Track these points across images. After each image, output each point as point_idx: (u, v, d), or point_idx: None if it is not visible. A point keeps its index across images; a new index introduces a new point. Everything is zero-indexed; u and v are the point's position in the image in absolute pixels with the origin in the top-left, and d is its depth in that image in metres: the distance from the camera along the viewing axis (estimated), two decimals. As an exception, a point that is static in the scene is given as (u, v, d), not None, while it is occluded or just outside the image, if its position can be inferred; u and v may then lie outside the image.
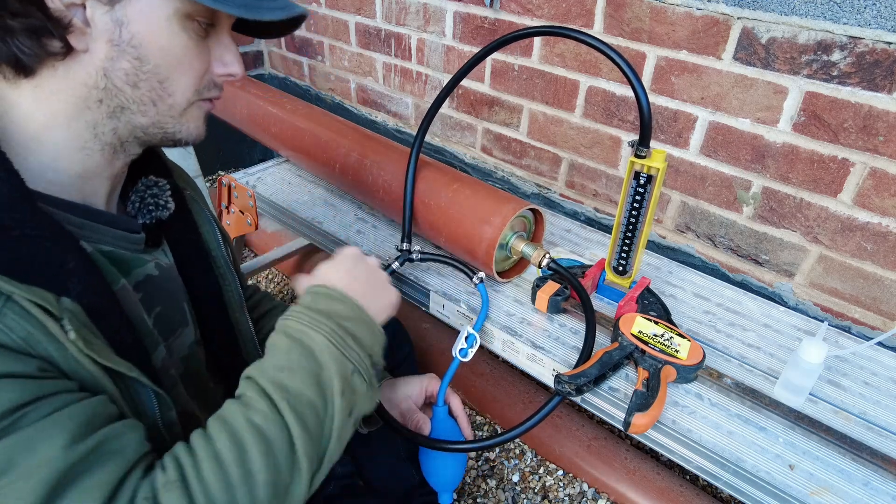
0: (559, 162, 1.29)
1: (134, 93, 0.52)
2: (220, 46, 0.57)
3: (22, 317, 0.43)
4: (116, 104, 0.53)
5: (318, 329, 0.56)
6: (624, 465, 1.18)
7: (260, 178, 1.36)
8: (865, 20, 0.80)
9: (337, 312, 0.58)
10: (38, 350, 0.43)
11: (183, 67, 0.53)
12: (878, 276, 0.93)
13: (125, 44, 0.50)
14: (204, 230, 0.72)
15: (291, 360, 0.54)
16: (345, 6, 1.57)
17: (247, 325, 0.77)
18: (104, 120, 0.53)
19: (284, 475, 0.49)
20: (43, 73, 0.49)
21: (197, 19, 0.52)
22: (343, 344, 0.56)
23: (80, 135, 0.53)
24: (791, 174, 0.96)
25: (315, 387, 0.53)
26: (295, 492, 0.50)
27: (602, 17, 1.08)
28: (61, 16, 0.47)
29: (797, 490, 0.65)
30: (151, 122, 0.55)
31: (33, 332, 0.43)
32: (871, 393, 0.79)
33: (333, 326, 0.57)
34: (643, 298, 0.90)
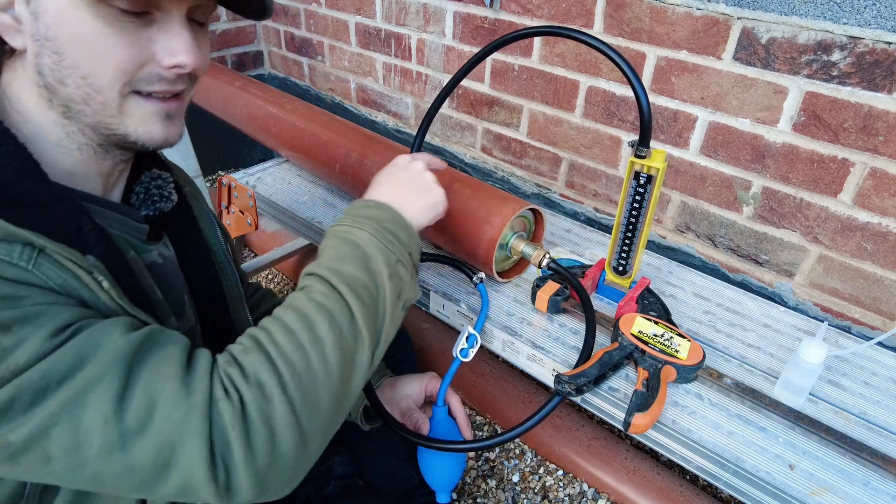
0: (559, 162, 1.29)
1: (64, 90, 0.50)
2: (168, 35, 0.52)
3: (56, 267, 0.45)
4: (59, 103, 0.52)
5: (362, 227, 0.62)
6: (624, 465, 1.18)
7: (260, 178, 1.36)
8: (865, 20, 0.80)
9: (377, 216, 0.64)
10: (75, 295, 0.46)
11: (103, 59, 0.49)
12: (878, 276, 0.93)
13: (42, 37, 0.48)
14: (203, 225, 0.73)
15: (342, 252, 0.59)
16: (345, 6, 1.57)
17: (246, 319, 0.78)
18: (61, 119, 0.53)
19: (349, 341, 0.54)
20: (6, 72, 0.51)
21: (113, 4, 0.48)
22: (385, 238, 0.62)
23: (53, 133, 0.53)
24: (791, 174, 0.96)
25: (366, 271, 0.58)
26: (360, 359, 0.55)
27: (602, 17, 1.08)
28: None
29: (797, 490, 0.65)
30: (95, 122, 0.53)
31: (69, 280, 0.46)
32: (871, 393, 0.79)
33: (375, 225, 0.62)
34: (643, 298, 0.90)
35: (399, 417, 0.84)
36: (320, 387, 0.50)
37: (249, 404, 0.46)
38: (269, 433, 0.46)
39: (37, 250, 0.44)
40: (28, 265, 0.44)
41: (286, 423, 0.47)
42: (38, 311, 0.43)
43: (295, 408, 0.48)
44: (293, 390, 0.48)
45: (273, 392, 0.47)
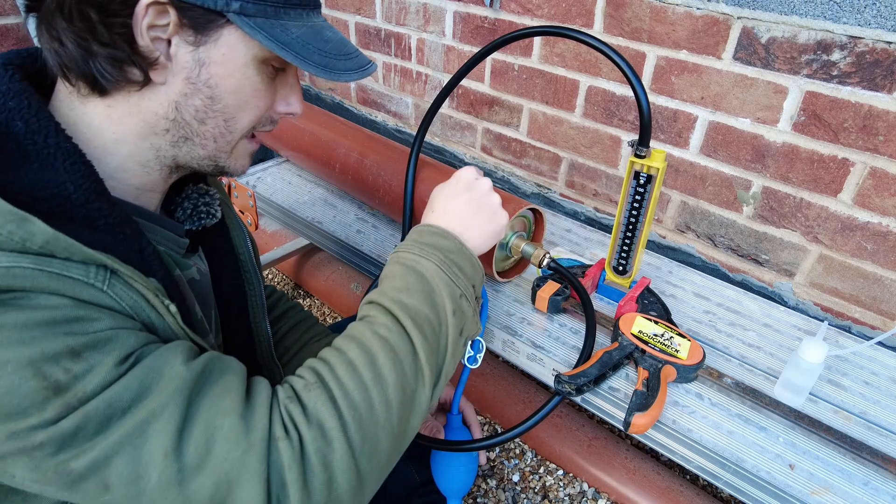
0: (559, 162, 1.29)
1: (200, 128, 0.54)
2: (286, 87, 0.58)
3: (127, 288, 0.46)
4: (181, 135, 0.54)
5: (428, 258, 0.60)
6: (624, 464, 1.18)
7: (260, 178, 1.36)
8: (865, 20, 0.80)
9: (442, 246, 0.62)
10: (142, 317, 0.47)
11: (249, 107, 0.55)
12: (879, 275, 0.93)
13: (202, 83, 0.51)
14: (234, 234, 0.73)
15: (407, 283, 0.58)
16: (344, 6, 1.57)
17: (265, 329, 0.78)
18: (167, 146, 0.55)
19: (410, 380, 0.53)
20: (117, 95, 0.51)
21: (272, 64, 0.54)
22: (451, 271, 0.61)
23: (143, 154, 0.54)
24: (791, 174, 0.96)
25: (430, 305, 0.57)
26: (420, 398, 0.54)
27: (602, 17, 1.08)
28: (147, 52, 0.48)
29: (797, 490, 0.65)
30: (207, 155, 0.57)
31: (139, 301, 0.47)
32: (872, 392, 0.79)
33: (441, 256, 0.61)
34: (643, 298, 0.90)
35: None
36: (380, 428, 0.50)
37: (309, 446, 0.45)
38: (327, 476, 0.46)
39: (110, 272, 0.45)
40: (103, 286, 0.44)
41: (345, 465, 0.47)
42: (107, 337, 0.43)
43: (354, 450, 0.47)
44: (354, 432, 0.47)
45: (333, 434, 0.46)
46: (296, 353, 0.86)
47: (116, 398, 0.42)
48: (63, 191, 0.45)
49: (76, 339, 0.41)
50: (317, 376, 0.50)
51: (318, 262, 1.75)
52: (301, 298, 1.81)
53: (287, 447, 0.45)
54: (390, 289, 0.58)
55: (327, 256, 1.75)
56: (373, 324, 0.55)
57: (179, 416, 0.43)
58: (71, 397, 0.40)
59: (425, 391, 0.54)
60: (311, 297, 1.80)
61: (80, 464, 0.41)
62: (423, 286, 0.58)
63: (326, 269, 1.73)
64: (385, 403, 0.50)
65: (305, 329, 0.89)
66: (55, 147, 0.46)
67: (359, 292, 1.64)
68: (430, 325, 0.56)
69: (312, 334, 0.88)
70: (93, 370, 0.41)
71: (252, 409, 0.45)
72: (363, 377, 0.50)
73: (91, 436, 0.41)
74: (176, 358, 0.45)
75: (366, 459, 0.48)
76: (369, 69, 0.57)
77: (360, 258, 1.09)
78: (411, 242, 0.63)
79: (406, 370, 0.53)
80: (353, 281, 1.66)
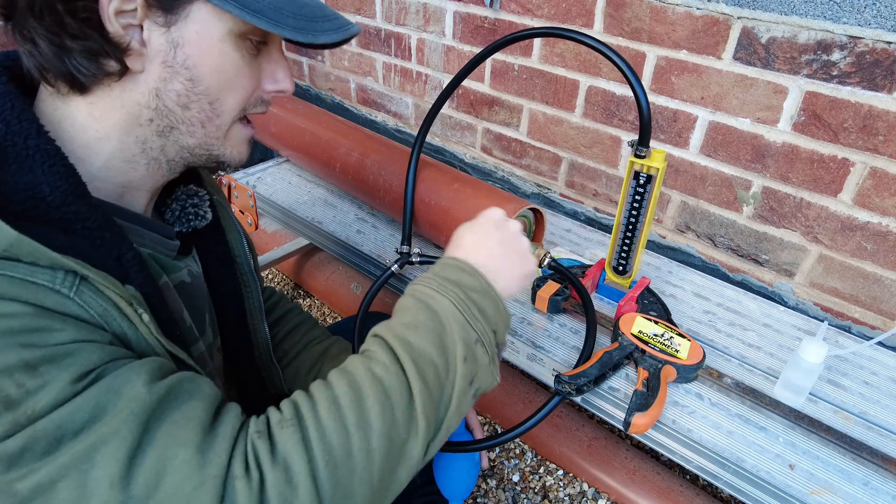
0: (559, 162, 1.29)
1: (184, 114, 0.52)
2: (272, 62, 0.56)
3: (97, 295, 0.44)
4: (166, 124, 0.53)
5: (445, 294, 0.55)
6: (624, 465, 1.18)
7: (260, 177, 1.36)
8: (865, 20, 0.80)
9: (465, 283, 0.56)
10: (113, 326, 0.45)
11: (233, 87, 0.53)
12: (878, 275, 0.93)
13: (179, 65, 0.49)
14: (231, 237, 0.72)
15: (417, 320, 0.53)
16: (344, 6, 1.57)
17: (263, 330, 0.77)
18: (153, 137, 0.53)
19: (401, 430, 0.47)
20: (97, 90, 0.50)
21: (250, 38, 0.52)
22: (469, 312, 0.54)
23: (128, 148, 0.53)
24: (791, 174, 0.96)
25: (439, 348, 0.52)
26: (410, 451, 0.48)
27: (602, 17, 1.08)
28: (119, 39, 0.47)
29: (797, 490, 0.65)
30: (198, 143, 0.55)
31: (109, 310, 0.45)
32: (871, 392, 0.79)
33: (461, 294, 0.55)
34: (643, 298, 0.90)
35: None
36: (356, 478, 0.45)
37: (270, 489, 0.41)
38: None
39: (79, 277, 0.43)
40: (70, 292, 0.42)
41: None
42: (67, 351, 0.41)
43: (322, 500, 0.42)
44: (324, 479, 0.43)
45: (300, 479, 0.42)
46: (295, 355, 0.86)
47: (68, 419, 0.39)
48: (38, 193, 0.44)
49: (33, 351, 0.39)
50: (295, 412, 0.46)
51: (318, 262, 1.75)
52: (301, 298, 1.81)
53: (244, 487, 0.40)
54: (398, 324, 0.53)
55: (327, 256, 1.75)
56: (370, 359, 0.50)
57: (132, 443, 0.40)
58: (20, 414, 0.38)
59: (417, 444, 0.48)
60: (312, 297, 1.80)
61: (25, 486, 0.38)
62: (433, 325, 0.52)
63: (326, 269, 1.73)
64: (366, 451, 0.45)
65: (305, 331, 0.89)
66: (34, 149, 0.45)
67: (359, 292, 1.64)
68: (435, 371, 0.51)
69: (312, 337, 0.88)
70: (47, 386, 0.39)
71: (212, 442, 0.42)
72: (345, 419, 0.45)
73: (38, 457, 0.38)
74: (138, 378, 0.42)
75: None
76: (350, 28, 0.54)
77: (360, 258, 1.09)
78: (432, 276, 0.57)
79: (397, 417, 0.47)
80: (353, 281, 1.66)
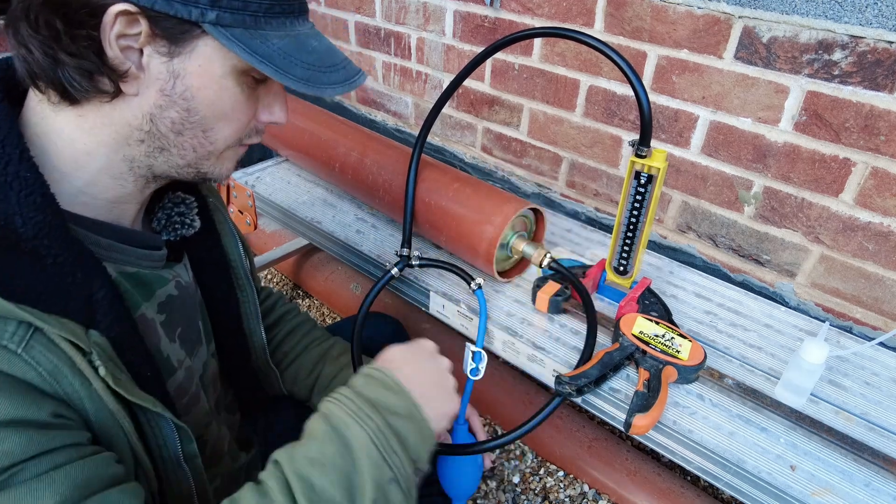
0: (560, 161, 1.29)
1: (177, 139, 0.51)
2: (270, 95, 0.56)
3: (49, 350, 0.42)
4: (157, 146, 0.52)
5: (362, 423, 0.50)
6: (625, 466, 1.17)
7: (259, 177, 1.36)
8: (867, 19, 0.80)
9: (387, 405, 0.53)
10: (63, 385, 0.42)
11: (228, 119, 0.52)
12: (880, 276, 0.93)
13: (177, 95, 0.48)
14: (226, 241, 0.71)
15: (325, 454, 0.49)
16: (344, 5, 1.57)
17: (260, 334, 0.77)
18: (142, 157, 0.52)
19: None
20: (88, 105, 0.48)
21: (252, 75, 0.51)
22: (386, 446, 0.50)
23: (116, 166, 0.52)
24: (792, 174, 0.96)
25: (345, 490, 0.48)
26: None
27: (602, 16, 1.07)
28: (118, 63, 0.45)
29: (798, 491, 0.65)
30: (187, 164, 0.54)
31: (60, 367, 0.42)
32: (873, 393, 0.79)
33: (380, 423, 0.51)
34: (644, 299, 0.90)
35: None
36: None
37: None
38: None
39: (32, 329, 0.41)
40: (18, 348, 0.40)
41: None
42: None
43: None
44: None
45: None
46: (295, 357, 0.86)
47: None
48: (11, 223, 0.43)
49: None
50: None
51: (317, 262, 1.75)
52: (300, 298, 1.81)
53: None
54: (302, 457, 0.49)
55: (327, 256, 1.74)
56: (267, 496, 0.47)
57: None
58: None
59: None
60: (311, 298, 1.80)
61: None
62: (342, 462, 0.49)
63: (326, 269, 1.73)
64: None
65: (305, 333, 0.88)
66: (14, 176, 0.44)
67: (358, 292, 1.63)
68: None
69: (312, 338, 0.88)
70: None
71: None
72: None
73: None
74: (51, 498, 0.39)
75: None
76: (357, 81, 0.54)
77: (360, 258, 1.08)
78: (352, 394, 0.53)
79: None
80: (353, 281, 1.66)
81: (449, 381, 0.62)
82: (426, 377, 0.59)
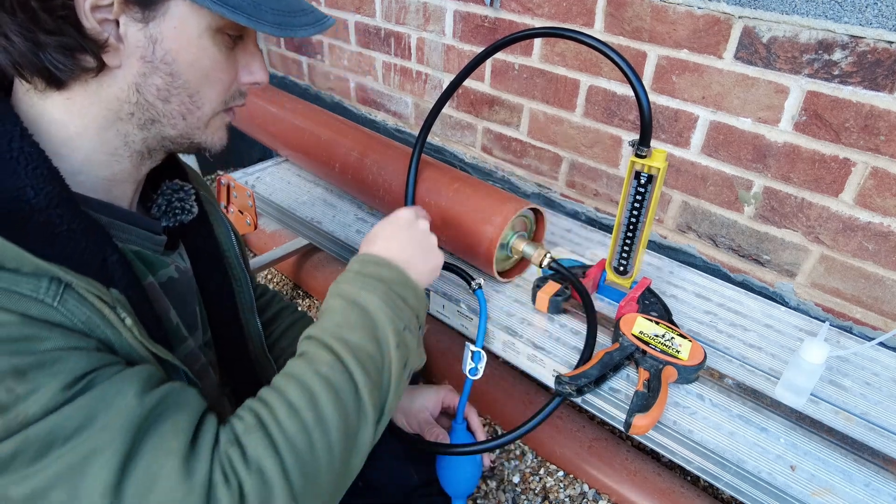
0: (560, 161, 1.29)
1: (165, 107, 0.53)
2: (247, 55, 0.57)
3: (81, 303, 0.44)
4: (147, 117, 0.53)
5: (371, 291, 0.59)
6: (625, 466, 1.17)
7: (259, 177, 1.36)
8: (867, 19, 0.80)
9: (384, 277, 0.62)
10: (97, 333, 0.45)
11: (211, 81, 0.54)
12: (880, 276, 0.93)
13: (158, 60, 0.50)
14: (219, 232, 0.72)
15: (348, 320, 0.57)
16: (344, 5, 1.57)
17: (255, 325, 0.78)
18: (135, 131, 0.54)
19: (353, 420, 0.52)
20: (74, 86, 0.49)
21: (227, 32, 0.52)
22: (394, 304, 0.59)
23: (110, 142, 0.53)
24: (792, 174, 0.96)
25: (373, 341, 0.56)
26: (362, 438, 0.53)
27: (602, 16, 1.07)
28: (95, 35, 0.46)
29: (798, 491, 0.65)
30: (179, 134, 0.56)
31: (92, 317, 0.45)
32: (873, 393, 0.79)
33: (384, 288, 0.60)
34: (644, 299, 0.90)
35: (417, 429, 0.86)
36: (322, 470, 0.49)
37: (249, 493, 0.44)
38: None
39: (63, 285, 0.44)
40: (54, 302, 0.43)
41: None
42: (55, 357, 0.42)
43: (296, 495, 0.46)
44: (295, 476, 0.47)
45: (274, 480, 0.46)
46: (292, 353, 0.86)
47: (59, 426, 0.40)
48: (23, 195, 0.45)
49: (22, 358, 0.40)
50: (257, 419, 0.49)
51: (317, 262, 1.75)
52: (300, 298, 1.81)
53: (226, 494, 0.43)
54: (331, 325, 0.56)
55: (327, 256, 1.74)
56: (314, 362, 0.53)
57: (123, 454, 0.41)
58: (12, 419, 0.39)
59: (368, 429, 0.53)
60: (311, 298, 1.80)
61: (18, 492, 0.40)
62: (365, 321, 0.57)
63: (326, 269, 1.73)
64: (327, 446, 0.49)
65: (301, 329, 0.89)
66: (18, 151, 0.45)
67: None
68: (373, 362, 0.55)
69: None
70: (37, 392, 0.40)
71: (196, 452, 0.44)
72: (304, 420, 0.49)
73: (29, 462, 0.39)
74: (130, 388, 0.44)
75: (308, 503, 0.47)
76: (327, 22, 0.55)
77: (360, 258, 1.08)
78: (353, 274, 0.62)
79: (349, 411, 0.52)
80: (353, 281, 1.66)
81: (429, 240, 0.71)
82: (408, 246, 0.67)
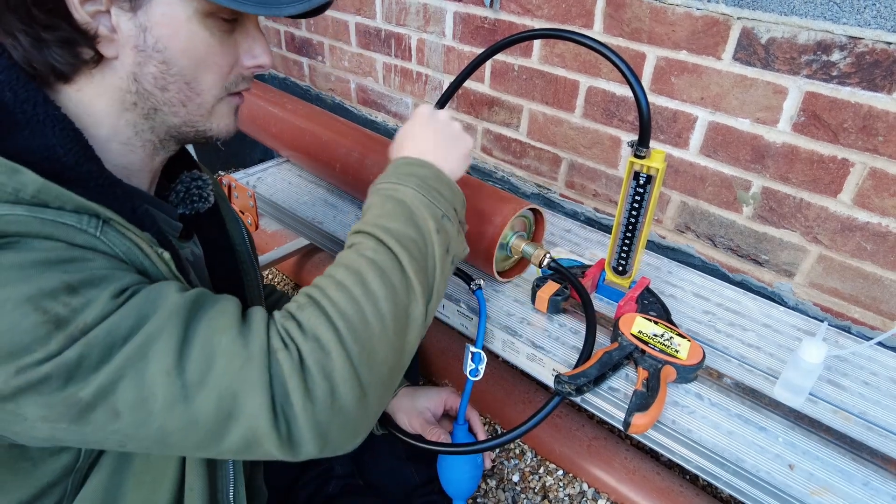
0: (559, 162, 1.29)
1: (164, 95, 0.54)
2: (248, 38, 0.56)
3: (120, 237, 0.48)
4: (150, 106, 0.54)
5: (406, 185, 0.61)
6: (624, 465, 1.18)
7: (260, 178, 1.36)
8: (865, 20, 0.81)
9: (419, 174, 0.63)
10: (136, 264, 0.49)
11: (207, 66, 0.54)
12: (878, 276, 0.93)
13: (150, 49, 0.51)
14: (230, 226, 0.74)
15: (387, 210, 0.59)
16: (345, 6, 1.57)
17: None
18: (141, 120, 0.55)
19: (402, 295, 0.54)
20: (81, 79, 0.51)
21: (220, 16, 0.52)
22: (430, 195, 0.61)
23: (122, 132, 0.55)
24: (791, 174, 0.96)
25: (413, 226, 0.58)
26: (414, 312, 0.55)
27: (602, 18, 1.08)
28: (87, 26, 0.48)
29: (797, 490, 0.65)
30: (183, 122, 0.57)
31: (132, 248, 0.48)
32: (871, 393, 0.79)
33: (419, 182, 0.62)
34: (643, 298, 0.90)
35: (419, 429, 0.86)
36: (376, 340, 0.51)
37: (308, 357, 0.47)
38: (328, 385, 0.47)
39: (102, 220, 0.46)
40: (96, 232, 0.46)
41: (345, 375, 0.48)
42: (102, 275, 0.44)
43: (353, 360, 0.48)
44: (350, 343, 0.49)
45: (330, 345, 0.48)
46: None
47: (116, 327, 0.43)
48: (53, 154, 0.47)
49: (72, 275, 0.43)
50: (308, 298, 0.51)
51: (318, 262, 1.75)
52: (301, 298, 1.81)
53: (286, 357, 0.46)
54: (371, 217, 0.59)
55: (327, 256, 1.75)
56: (359, 248, 0.56)
57: (178, 337, 0.44)
58: (73, 329, 0.42)
59: (419, 306, 0.55)
60: (311, 298, 1.80)
61: (87, 392, 0.42)
62: (403, 210, 0.59)
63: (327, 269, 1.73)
64: (378, 316, 0.51)
65: None
66: (45, 115, 0.47)
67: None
68: (416, 244, 0.57)
69: None
70: (91, 303, 0.43)
71: (249, 327, 0.47)
72: (353, 293, 0.51)
73: (95, 364, 0.42)
74: (170, 289, 0.47)
75: (366, 370, 0.49)
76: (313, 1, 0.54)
77: (361, 258, 1.09)
78: (389, 174, 0.64)
79: (396, 285, 0.54)
80: (353, 281, 1.66)
81: (451, 129, 0.71)
82: (434, 141, 0.68)
